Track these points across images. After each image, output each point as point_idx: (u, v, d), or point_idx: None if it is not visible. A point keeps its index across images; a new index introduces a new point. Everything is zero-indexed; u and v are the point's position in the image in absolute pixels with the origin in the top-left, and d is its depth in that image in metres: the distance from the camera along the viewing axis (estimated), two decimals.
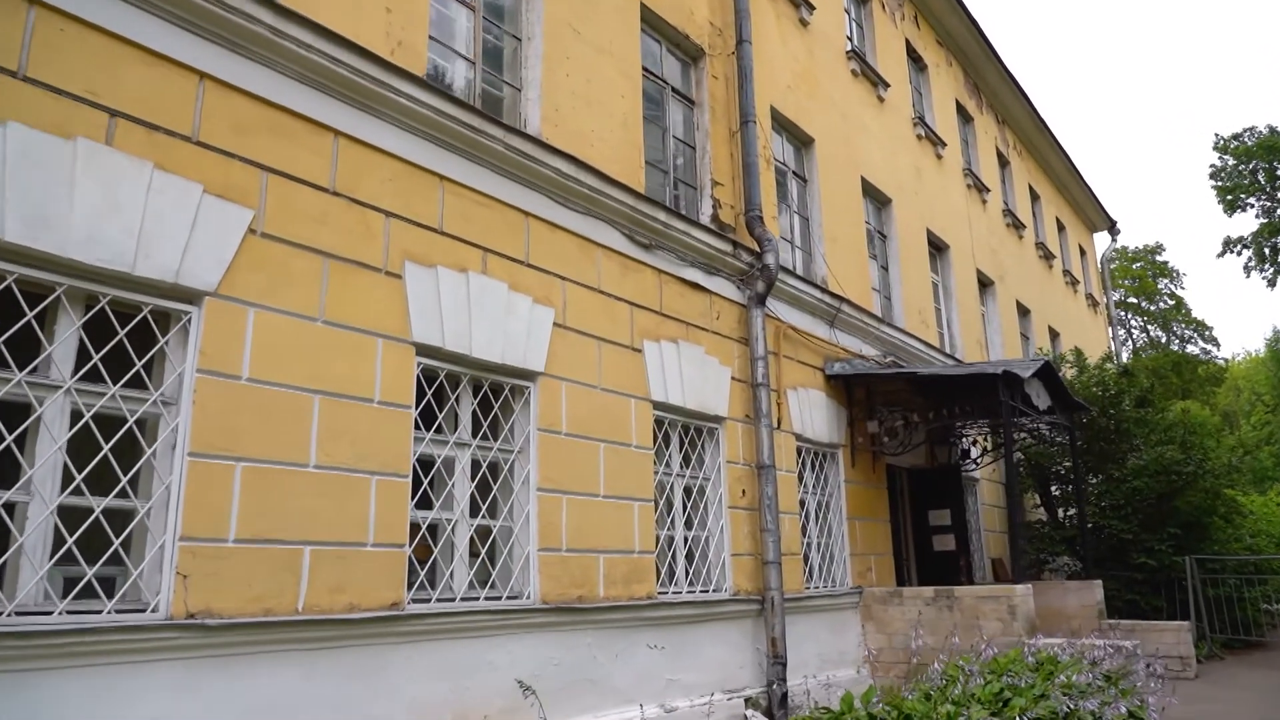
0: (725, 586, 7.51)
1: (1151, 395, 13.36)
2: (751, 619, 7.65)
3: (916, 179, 13.25)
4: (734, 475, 7.84)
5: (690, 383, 7.47)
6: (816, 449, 9.34)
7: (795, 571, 8.38)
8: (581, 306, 6.55)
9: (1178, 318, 46.65)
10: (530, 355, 6.01)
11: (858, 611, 9.22)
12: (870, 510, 9.96)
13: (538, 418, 6.02)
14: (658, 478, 7.08)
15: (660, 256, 7.45)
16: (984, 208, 16.09)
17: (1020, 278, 17.33)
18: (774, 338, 8.77)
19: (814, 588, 8.81)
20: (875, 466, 10.22)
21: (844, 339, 10.11)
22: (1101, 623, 10.50)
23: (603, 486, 6.39)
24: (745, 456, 8.01)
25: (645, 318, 7.17)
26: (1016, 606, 8.21)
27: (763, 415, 8.04)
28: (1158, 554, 12.05)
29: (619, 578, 6.37)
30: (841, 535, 9.42)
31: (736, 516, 7.75)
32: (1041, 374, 10.04)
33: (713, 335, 7.95)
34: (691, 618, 6.99)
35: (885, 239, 12.26)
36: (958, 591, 8.62)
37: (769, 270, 8.25)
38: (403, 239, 5.35)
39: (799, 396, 8.98)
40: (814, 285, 9.45)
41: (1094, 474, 13.28)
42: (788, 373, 8.93)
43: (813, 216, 10.38)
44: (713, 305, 8.04)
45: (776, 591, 7.63)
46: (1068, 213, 22.23)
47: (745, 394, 8.15)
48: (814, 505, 9.19)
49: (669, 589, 7.00)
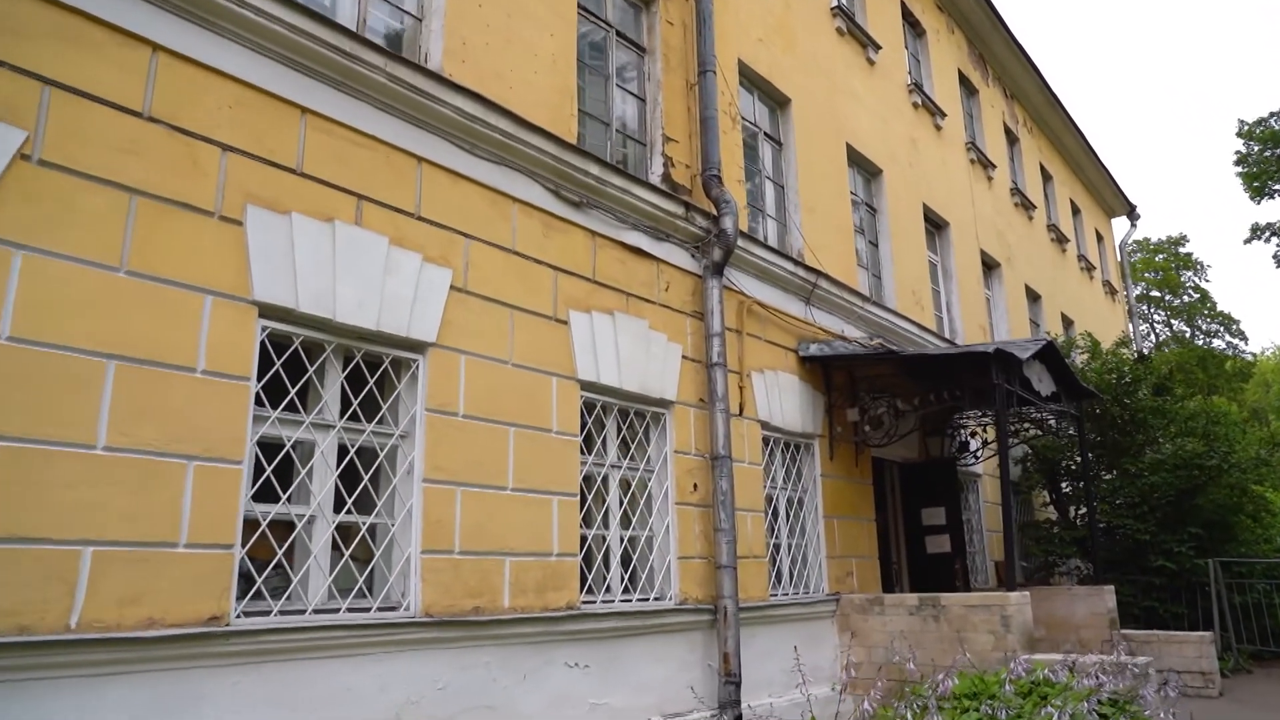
0: (670, 594, 6.56)
1: (1170, 382, 12.24)
2: (702, 631, 6.69)
3: (912, 150, 12.22)
4: (683, 467, 6.89)
5: (629, 361, 6.53)
6: (787, 439, 8.36)
7: (758, 576, 7.41)
8: (490, 269, 5.63)
9: (1203, 311, 45.04)
10: (419, 323, 5.10)
11: (834, 622, 8.23)
12: (852, 508, 8.96)
13: (426, 396, 5.11)
14: (586, 469, 6.15)
15: (594, 217, 6.51)
16: (989, 185, 15.02)
17: (1030, 261, 16.23)
18: (736, 313, 7.81)
19: (782, 595, 7.83)
20: (858, 459, 9.22)
21: (822, 318, 9.12)
22: (1114, 633, 9.44)
23: (512, 478, 5.47)
24: (698, 446, 7.05)
25: (573, 285, 6.23)
26: (1010, 617, 7.19)
27: (718, 399, 7.08)
28: (1178, 556, 10.96)
29: (530, 585, 5.44)
30: (817, 536, 8.44)
31: (685, 514, 6.80)
32: (1043, 356, 9.01)
33: (660, 308, 7.00)
34: (625, 630, 6.05)
35: (875, 213, 11.25)
36: (944, 599, 7.61)
37: (726, 236, 7.29)
38: (245, 179, 4.45)
39: (766, 380, 8.01)
40: (785, 257, 8.47)
41: (1107, 469, 12.19)
42: (753, 353, 7.96)
43: (788, 184, 9.40)
44: (660, 274, 7.09)
45: (730, 600, 6.66)
46: (1083, 196, 21.05)
47: (699, 375, 7.20)
48: (784, 502, 8.21)
49: (598, 597, 6.05)
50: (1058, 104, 18.37)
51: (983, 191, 14.68)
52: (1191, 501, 11.20)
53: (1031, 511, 13.71)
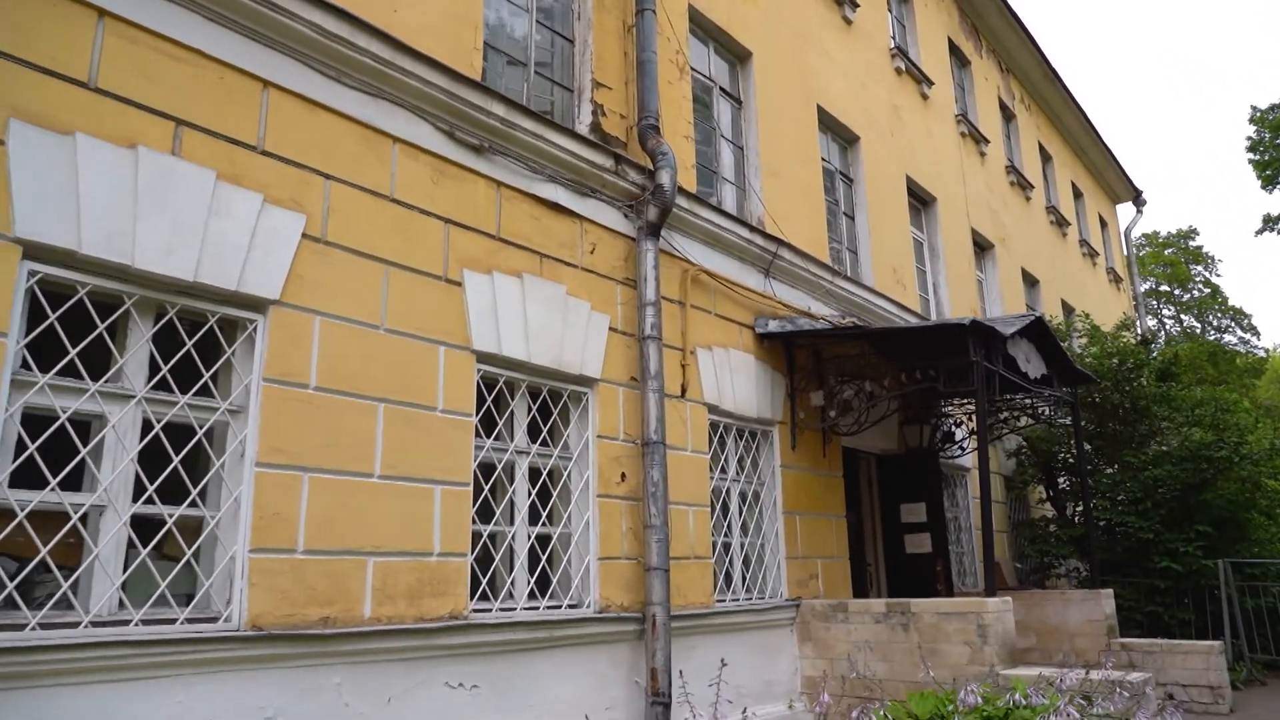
0: (588, 601, 5.68)
1: (1176, 368, 11.28)
2: (628, 643, 5.81)
3: (894, 118, 11.31)
4: (609, 454, 6.00)
5: (541, 331, 5.66)
6: (741, 425, 7.46)
7: (701, 579, 6.51)
8: (359, 217, 4.77)
9: (1213, 306, 43.84)
10: (257, 276, 4.23)
11: (794, 630, 7.33)
12: (817, 503, 8.06)
13: (265, 363, 4.24)
14: (483, 454, 5.27)
15: (501, 165, 5.64)
16: (982, 161, 14.09)
17: (1027, 243, 15.28)
18: (679, 283, 6.92)
19: (731, 600, 6.93)
20: (826, 449, 8.32)
21: (785, 293, 8.22)
22: (1111, 642, 8.53)
23: (380, 463, 4.60)
24: (628, 430, 6.17)
25: (471, 241, 5.36)
26: (988, 626, 6.28)
27: (650, 377, 6.19)
28: (1184, 557, 10.01)
29: (401, 591, 4.57)
30: (775, 534, 7.54)
31: (610, 508, 5.91)
32: (1031, 334, 8.09)
33: (582, 272, 6.12)
34: (529, 644, 5.17)
35: (851, 183, 10.34)
36: (915, 606, 6.70)
37: (663, 192, 6.41)
38: (8, 89, 3.59)
39: (715, 359, 7.12)
40: (740, 222, 7.58)
41: (1108, 462, 11.25)
42: (700, 328, 7.07)
43: (748, 145, 8.51)
44: (585, 234, 6.21)
45: (659, 607, 5.77)
46: (1085, 179, 20.07)
47: (630, 350, 6.31)
48: (736, 496, 7.31)
49: (494, 605, 5.17)
50: (1057, 81, 17.41)
51: (974, 167, 13.75)
52: (1199, 497, 10.25)
53: (1027, 509, 12.77)
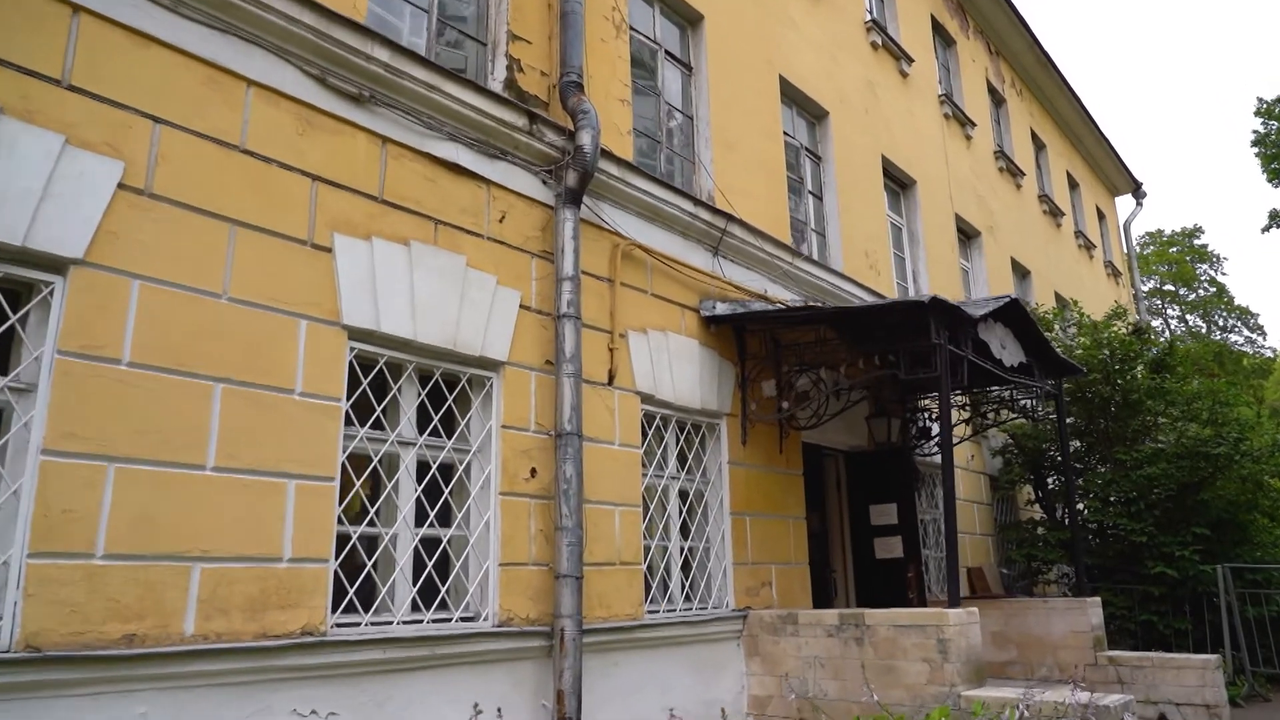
0: (485, 612, 4.99)
1: (1171, 359, 10.53)
2: (534, 661, 5.11)
3: (869, 94, 10.62)
4: (516, 446, 5.32)
5: (434, 306, 4.98)
6: (683, 417, 6.77)
7: (628, 588, 5.82)
8: (198, 168, 4.10)
9: (1219, 305, 43.03)
10: (52, 230, 3.57)
11: (740, 644, 6.62)
12: (772, 504, 7.36)
13: (61, 333, 3.57)
14: (353, 445, 4.59)
15: (386, 118, 4.97)
16: (968, 145, 13.38)
17: (1017, 232, 14.56)
18: (609, 258, 6.25)
19: (667, 611, 6.23)
20: (783, 445, 7.61)
21: (737, 274, 7.54)
22: (1099, 655, 7.79)
23: (215, 453, 3.92)
24: (541, 420, 5.48)
25: (346, 202, 4.69)
26: (949, 641, 5.57)
27: (566, 360, 5.51)
28: (1180, 562, 9.27)
29: (239, 602, 3.89)
30: (721, 537, 6.83)
31: (516, 508, 5.22)
32: (1007, 318, 7.38)
33: (489, 243, 5.45)
34: (407, 663, 4.48)
35: (819, 161, 9.65)
36: (870, 618, 5.99)
37: (583, 154, 5.73)
38: None
39: (651, 343, 6.43)
40: (680, 193, 6.89)
41: (1099, 460, 10.53)
42: (633, 309, 6.39)
43: (699, 115, 7.83)
44: (493, 200, 5.53)
45: (570, 620, 5.08)
46: (1082, 169, 19.33)
47: (547, 331, 5.63)
48: (675, 495, 6.62)
49: (365, 618, 4.48)
50: (1051, 66, 16.70)
51: (959, 151, 13.05)
52: (1196, 497, 9.52)
53: (1015, 510, 12.03)
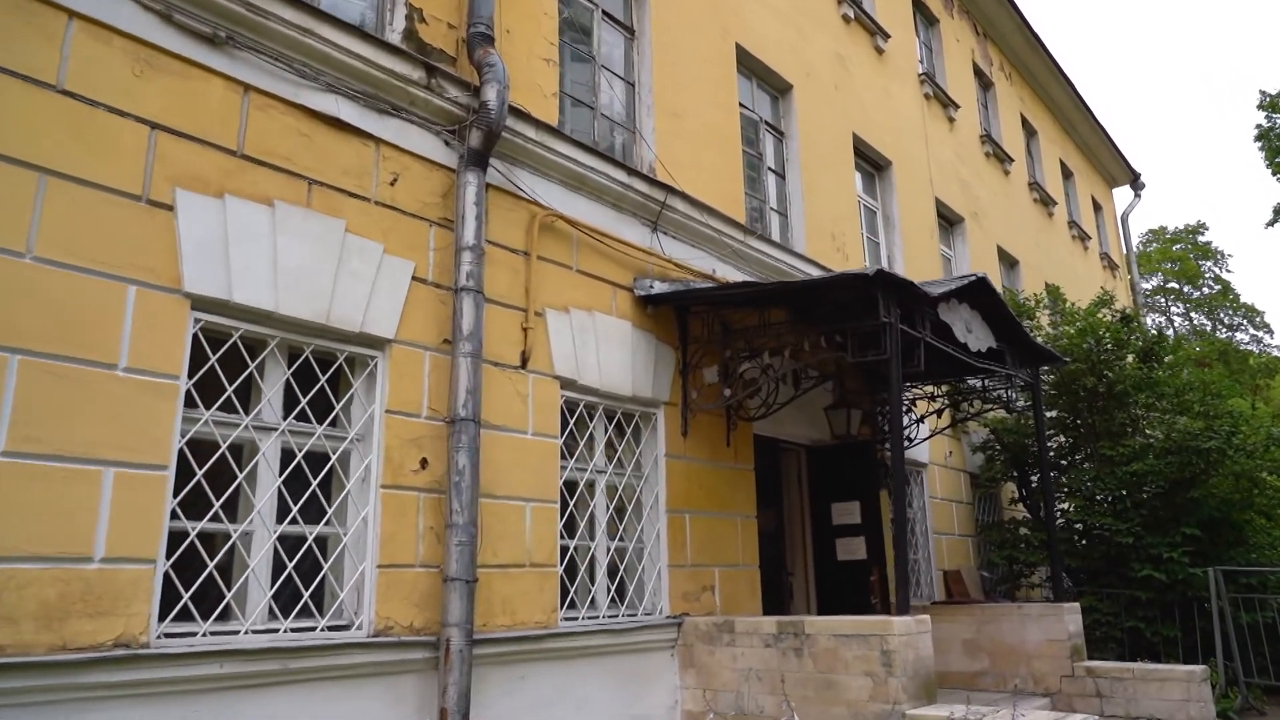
0: (360, 620, 4.41)
1: (1160, 348, 9.91)
2: (418, 675, 4.53)
3: (839, 69, 10.04)
4: (404, 434, 4.74)
5: (303, 275, 4.41)
6: (612, 406, 6.18)
7: (538, 592, 5.23)
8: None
9: (1224, 303, 42.20)
10: None
11: (675, 655, 6.04)
12: (716, 501, 6.77)
13: None
14: (195, 430, 4.02)
15: (250, 64, 4.40)
16: (950, 127, 12.78)
17: (1004, 220, 13.94)
18: (526, 229, 5.68)
19: (588, 618, 5.65)
20: (731, 437, 7.03)
21: (683, 251, 6.95)
22: (1076, 665, 7.19)
23: (7, 435, 3.36)
24: (435, 406, 4.91)
25: (194, 155, 4.12)
26: (893, 653, 4.98)
27: (463, 339, 4.94)
28: (1169, 564, 8.65)
29: (32, 610, 3.31)
30: (656, 537, 6.25)
31: (401, 503, 4.65)
32: (973, 298, 6.79)
33: (376, 207, 4.88)
34: (252, 679, 3.90)
35: (782, 137, 9.07)
36: (810, 626, 5.40)
37: (488, 112, 5.16)
38: None
39: (576, 324, 5.86)
40: (613, 162, 6.32)
41: (1086, 456, 9.92)
42: (554, 286, 5.82)
43: (640, 81, 7.26)
44: (382, 160, 4.96)
45: (457, 629, 4.50)
46: (1076, 158, 18.69)
47: (443, 307, 5.06)
48: (602, 490, 6.03)
49: (203, 627, 3.90)
50: (1042, 50, 16.09)
51: (942, 133, 12.45)
52: (1186, 495, 8.90)
53: (998, 510, 11.42)
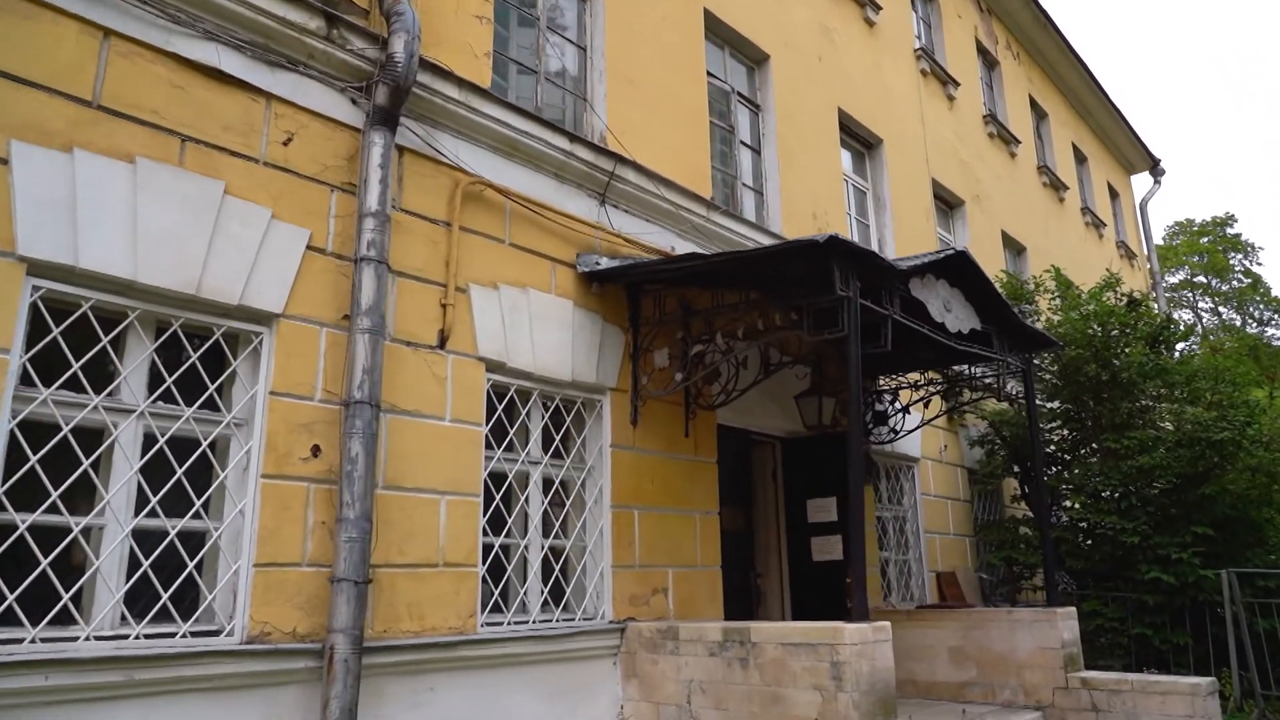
0: (233, 625, 3.94)
1: (1170, 334, 9.22)
2: (302, 687, 4.05)
3: (822, 41, 9.47)
4: (293, 419, 4.27)
5: (169, 241, 3.95)
6: (549, 391, 5.68)
7: (454, 595, 4.74)
8: None
9: (1254, 297, 40.93)
10: None
11: (618, 663, 5.52)
12: (671, 496, 6.24)
13: None
14: (28, 410, 3.56)
15: (110, 6, 3.94)
16: (950, 105, 12.16)
17: (1009, 204, 13.27)
18: (448, 198, 5.19)
19: (516, 623, 5.14)
20: (691, 427, 6.50)
21: (636, 226, 6.44)
22: (1070, 676, 6.59)
23: None
24: (332, 388, 4.44)
25: (39, 104, 3.67)
26: (844, 665, 4.43)
27: (362, 313, 4.46)
28: (1178, 566, 7.99)
29: None
30: (599, 534, 5.73)
31: (286, 495, 4.18)
32: (952, 274, 6.21)
33: (265, 169, 4.41)
34: (91, 691, 3.44)
35: (758, 110, 8.52)
36: (756, 633, 4.86)
37: (395, 66, 4.68)
38: None
39: (507, 302, 5.36)
40: (550, 126, 5.81)
41: (1092, 450, 9.28)
42: (482, 260, 5.33)
43: (593, 44, 6.76)
44: (274, 119, 4.50)
45: (343, 635, 4.01)
46: (1090, 142, 17.92)
47: (348, 280, 4.59)
48: (537, 483, 5.52)
49: (33, 632, 3.44)
50: (1052, 29, 15.37)
51: (939, 112, 11.83)
52: (1197, 491, 8.23)
53: (1000, 508, 10.78)
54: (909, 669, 7.41)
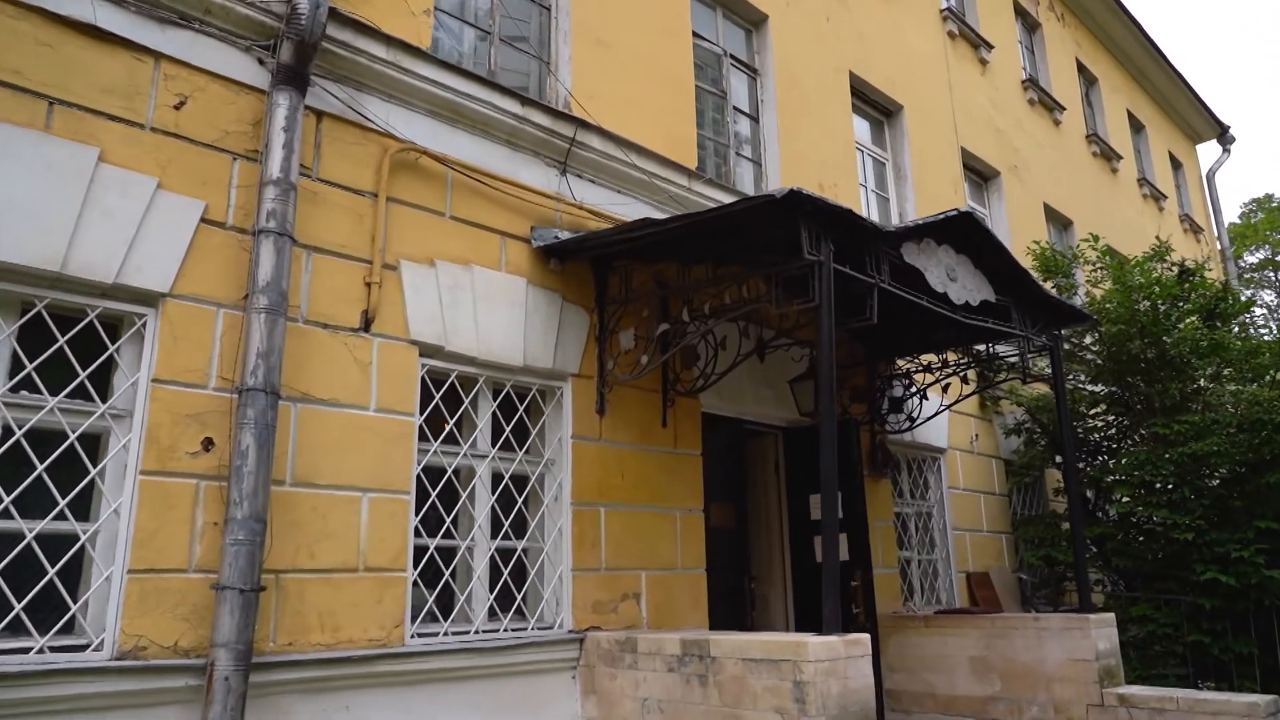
0: (104, 640, 3.53)
1: (1228, 307, 8.25)
2: (182, 708, 3.62)
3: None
4: (179, 409, 3.85)
5: (30, 213, 3.56)
6: (499, 378, 5.17)
7: (375, 604, 4.27)
8: None
9: None
10: None
11: (577, 677, 4.98)
12: (647, 491, 5.68)
13: None
14: None
15: None
16: (983, 70, 11.29)
17: (1052, 175, 12.30)
18: (376, 166, 4.73)
19: (452, 635, 4.64)
20: (670, 416, 5.92)
21: (602, 197, 5.90)
22: (1106, 693, 5.82)
23: None
24: (226, 374, 4.01)
25: None
26: (807, 685, 3.82)
27: (259, 290, 4.02)
28: (1239, 566, 7.07)
29: None
30: (558, 534, 5.21)
31: (167, 493, 3.75)
32: (955, 238, 5.53)
33: (153, 135, 4.00)
34: None
35: (756, 75, 7.88)
36: (716, 646, 4.28)
37: (300, 19, 4.22)
38: None
39: (444, 279, 4.88)
40: (498, 89, 5.31)
41: (1130, 434, 8.40)
42: (417, 234, 4.86)
43: (557, 3, 6.23)
44: (164, 80, 4.09)
45: (225, 650, 3.57)
46: (1148, 109, 16.67)
47: (245, 255, 4.16)
48: (484, 479, 5.01)
49: None
50: None
51: (970, 77, 10.97)
52: (1261, 480, 7.30)
53: (1043, 501, 9.91)
54: (927, 681, 6.73)
